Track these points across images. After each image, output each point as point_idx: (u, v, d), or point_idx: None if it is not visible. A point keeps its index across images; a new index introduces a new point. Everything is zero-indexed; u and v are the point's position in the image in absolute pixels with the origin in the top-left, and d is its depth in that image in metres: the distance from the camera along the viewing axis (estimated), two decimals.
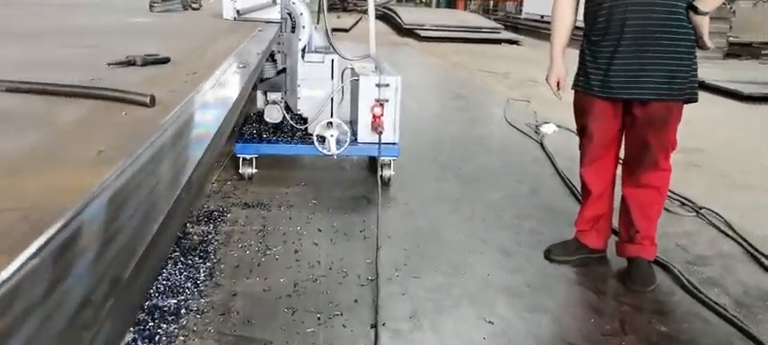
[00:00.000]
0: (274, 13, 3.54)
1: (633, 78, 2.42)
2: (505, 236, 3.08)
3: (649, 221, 2.62)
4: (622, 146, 2.73)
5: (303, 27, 3.74)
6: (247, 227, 3.03)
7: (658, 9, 2.35)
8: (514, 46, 14.49)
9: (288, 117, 3.83)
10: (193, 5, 4.18)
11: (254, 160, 3.79)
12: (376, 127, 3.74)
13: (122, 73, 1.40)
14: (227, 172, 3.85)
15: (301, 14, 3.71)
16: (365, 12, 3.90)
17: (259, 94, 3.91)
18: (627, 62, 2.42)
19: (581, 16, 2.69)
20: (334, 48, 3.98)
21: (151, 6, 3.75)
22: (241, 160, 3.77)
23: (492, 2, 27.09)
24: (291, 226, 3.07)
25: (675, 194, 3.60)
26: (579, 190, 3.47)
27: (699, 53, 2.48)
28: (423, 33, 14.09)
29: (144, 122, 0.96)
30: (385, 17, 18.78)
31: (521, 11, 20.89)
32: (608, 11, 2.42)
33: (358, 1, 23.10)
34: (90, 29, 2.56)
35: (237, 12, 3.47)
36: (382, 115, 3.80)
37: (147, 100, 1.05)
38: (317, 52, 3.96)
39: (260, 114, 3.98)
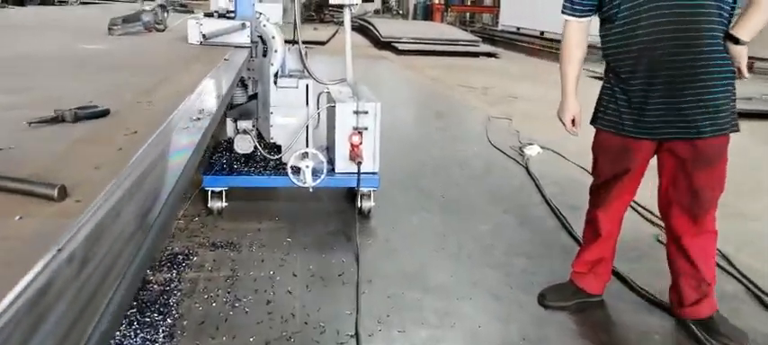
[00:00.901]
0: (244, 37, 3.30)
1: (674, 116, 2.20)
2: (495, 277, 2.87)
3: (712, 270, 2.42)
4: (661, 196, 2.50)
5: (275, 51, 3.49)
6: (215, 273, 2.76)
7: (698, 41, 2.13)
8: (492, 59, 14.44)
9: (260, 146, 3.57)
10: (158, 26, 3.91)
11: (223, 193, 3.53)
12: (354, 156, 3.52)
13: (44, 135, 1.15)
14: (195, 206, 3.57)
15: (273, 38, 3.47)
16: (342, 23, 3.66)
17: (229, 122, 3.65)
18: (665, 99, 2.19)
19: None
20: (309, 72, 3.75)
21: (110, 29, 3.46)
22: (210, 193, 3.50)
23: (468, 13, 27.16)
24: (263, 271, 2.81)
25: None
26: (575, 229, 3.29)
27: None
28: (401, 46, 13.93)
29: (42, 231, 0.71)
30: (362, 29, 18.61)
31: (497, 23, 20.96)
32: (640, 46, 2.17)
33: (335, 13, 22.90)
34: (30, 60, 2.28)
35: (203, 36, 3.22)
36: (361, 144, 3.58)
37: (54, 192, 0.80)
38: (290, 76, 3.71)
39: (230, 142, 3.71)
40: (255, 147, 3.49)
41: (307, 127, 3.64)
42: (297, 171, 3.49)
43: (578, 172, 4.78)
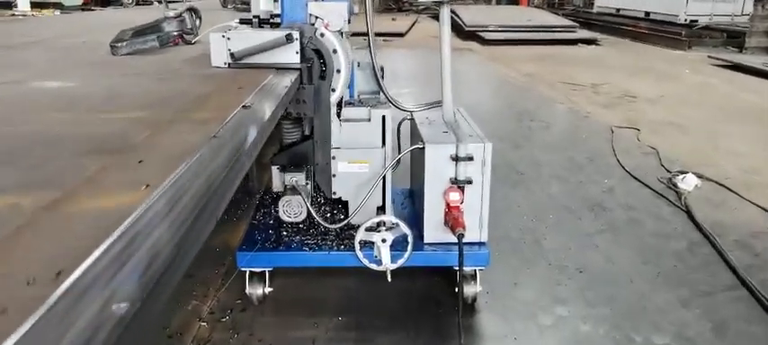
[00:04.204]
0: (291, 55, 2.22)
1: None
2: None
3: None
4: None
5: (338, 71, 2.40)
6: None
7: None
8: (592, 46, 12.73)
9: (315, 209, 2.50)
10: (187, 37, 2.94)
11: (267, 274, 2.49)
12: (453, 223, 2.37)
13: None
14: (230, 293, 2.56)
15: (335, 52, 2.37)
16: (422, 11, 2.52)
17: (275, 171, 2.59)
18: None
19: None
20: (386, 96, 2.63)
21: (113, 48, 2.51)
22: (248, 275, 2.47)
23: None
24: None
25: None
26: None
27: None
28: (487, 36, 12.53)
29: None
30: None
31: (591, 4, 18.89)
32: None
33: (414, 0, 21.66)
34: None
35: (232, 55, 2.17)
36: (462, 203, 2.42)
37: None
38: (360, 103, 2.61)
39: (276, 197, 2.68)
40: (309, 212, 2.41)
41: (383, 179, 2.53)
42: (369, 246, 2.40)
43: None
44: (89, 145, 1.15)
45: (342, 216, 2.65)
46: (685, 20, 12.91)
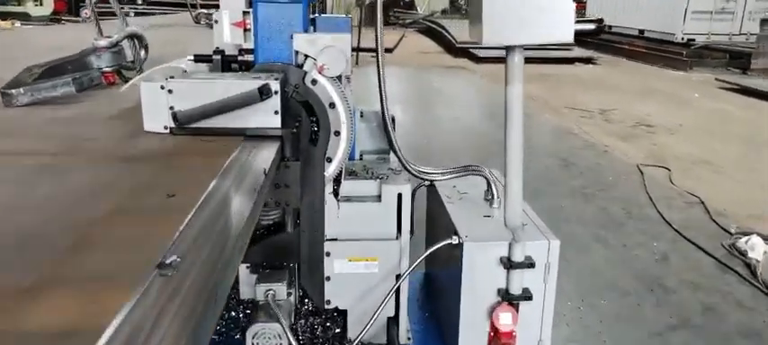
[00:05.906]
0: (267, 115, 1.46)
1: None
2: None
3: None
4: None
5: (336, 133, 1.64)
6: None
7: None
8: (590, 65, 12.19)
9: (292, 338, 1.73)
10: (127, 72, 2.13)
11: None
12: None
13: None
14: None
15: (333, 107, 1.61)
16: (409, 25, 1.78)
17: (243, 272, 1.81)
18: None
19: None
20: (401, 161, 1.85)
21: (5, 97, 1.71)
22: None
23: None
24: None
25: None
26: None
27: None
28: (480, 53, 11.88)
29: None
30: (431, 32, 16.72)
31: (580, 21, 18.47)
32: None
33: (400, 14, 21.01)
34: None
35: (175, 117, 1.40)
36: (516, 326, 1.67)
37: None
38: (365, 172, 1.85)
39: (249, 308, 1.91)
40: (289, 340, 1.63)
41: (397, 288, 1.76)
42: None
43: None
44: None
45: (337, 331, 1.90)
46: (682, 39, 12.41)
